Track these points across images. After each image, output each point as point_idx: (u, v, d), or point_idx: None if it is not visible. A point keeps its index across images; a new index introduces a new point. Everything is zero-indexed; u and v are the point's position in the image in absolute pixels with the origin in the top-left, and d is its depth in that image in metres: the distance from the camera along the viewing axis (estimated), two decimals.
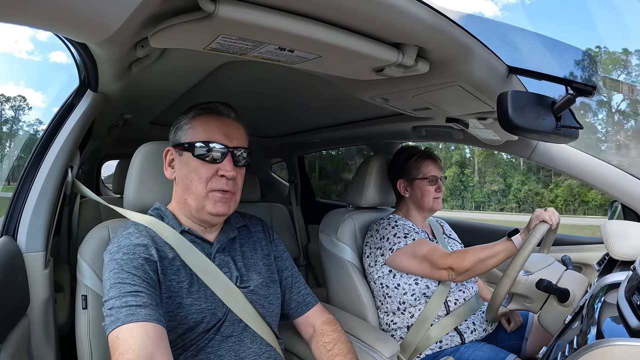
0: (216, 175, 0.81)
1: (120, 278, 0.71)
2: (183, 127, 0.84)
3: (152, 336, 0.66)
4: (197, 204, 0.82)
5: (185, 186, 0.83)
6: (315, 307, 0.99)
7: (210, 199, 0.81)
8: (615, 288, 0.79)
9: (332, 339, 0.93)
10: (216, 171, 0.81)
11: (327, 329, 0.95)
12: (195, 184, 0.81)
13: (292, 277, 0.99)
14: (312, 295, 1.00)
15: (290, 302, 0.97)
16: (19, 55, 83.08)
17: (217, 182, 0.81)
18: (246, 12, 0.53)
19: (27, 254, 0.94)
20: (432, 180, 1.35)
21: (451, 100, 1.00)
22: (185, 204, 0.84)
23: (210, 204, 0.81)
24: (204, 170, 0.81)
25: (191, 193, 0.82)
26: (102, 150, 2.66)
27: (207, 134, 0.82)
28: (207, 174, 0.81)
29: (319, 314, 0.98)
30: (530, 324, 1.32)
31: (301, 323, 0.98)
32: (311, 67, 0.78)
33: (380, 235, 1.30)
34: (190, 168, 0.82)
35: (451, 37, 0.67)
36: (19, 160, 2.36)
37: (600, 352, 0.56)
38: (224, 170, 0.81)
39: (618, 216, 1.31)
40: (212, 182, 0.81)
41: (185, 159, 0.83)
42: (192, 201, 0.82)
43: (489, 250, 1.15)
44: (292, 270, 1.00)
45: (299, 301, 0.98)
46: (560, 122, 0.80)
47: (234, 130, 0.84)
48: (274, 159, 2.89)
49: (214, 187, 0.81)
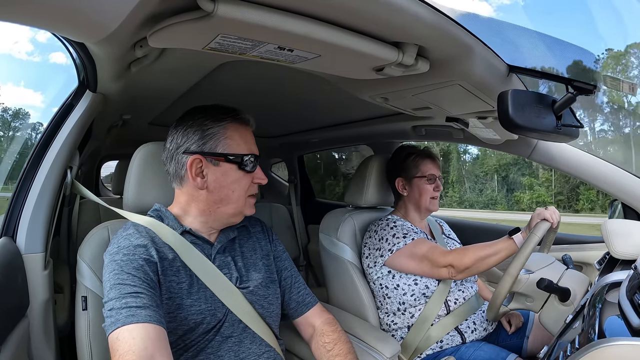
0: (252, 183, 0.87)
1: (120, 279, 0.71)
2: (216, 136, 0.81)
3: (152, 337, 0.66)
4: (236, 210, 0.86)
5: (224, 195, 0.83)
6: (315, 307, 0.99)
7: (248, 204, 0.87)
8: (616, 287, 0.78)
9: (332, 339, 0.93)
10: (252, 179, 0.86)
11: (327, 329, 0.95)
12: (238, 194, 0.84)
13: (292, 278, 0.99)
14: (311, 295, 1.00)
15: (290, 302, 0.97)
16: (18, 56, 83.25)
17: (253, 188, 0.88)
18: (245, 12, 0.53)
19: (27, 255, 0.94)
20: (431, 179, 1.35)
21: (451, 100, 1.00)
22: (217, 211, 0.85)
23: (248, 209, 0.88)
24: (246, 180, 0.85)
25: (232, 202, 0.84)
26: (102, 151, 2.66)
27: (247, 147, 0.85)
28: (249, 184, 0.86)
29: (319, 314, 0.98)
30: (531, 323, 1.32)
31: (301, 323, 0.98)
32: (311, 67, 0.78)
33: (379, 237, 1.30)
34: (232, 179, 0.83)
35: (451, 36, 0.66)
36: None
37: (602, 351, 0.56)
38: (260, 178, 0.87)
39: (618, 215, 1.31)
40: (249, 189, 0.87)
41: (225, 169, 0.82)
42: (230, 209, 0.85)
43: (490, 248, 1.14)
44: (291, 270, 1.00)
45: (298, 301, 0.98)
46: (560, 121, 0.80)
47: (254, 139, 0.89)
48: (274, 158, 2.89)
49: (251, 193, 0.87)
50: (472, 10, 0.63)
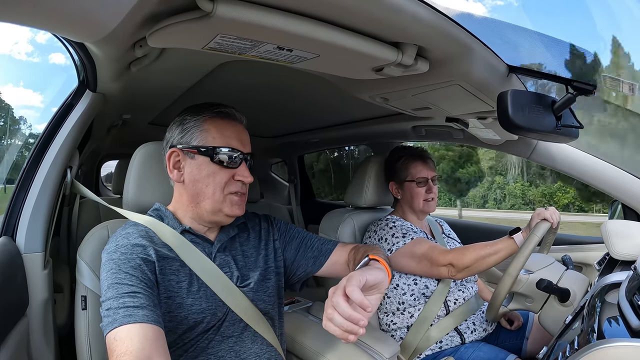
0: (232, 179, 0.83)
1: (117, 278, 0.71)
2: (192, 129, 0.83)
3: (150, 337, 0.65)
4: (214, 207, 0.83)
5: (199, 190, 0.83)
6: (337, 248, 0.96)
7: (227, 202, 0.83)
8: (615, 288, 0.79)
9: (355, 250, 0.91)
10: (232, 176, 0.83)
11: (352, 252, 0.93)
12: (212, 188, 0.82)
13: (303, 240, 0.97)
14: (328, 242, 0.98)
15: (307, 262, 0.95)
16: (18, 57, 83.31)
17: (234, 186, 0.83)
18: (245, 11, 0.53)
19: (26, 254, 0.94)
20: (421, 182, 1.34)
21: (451, 100, 1.00)
22: (197, 206, 0.84)
23: (228, 207, 0.83)
24: (222, 175, 0.82)
25: (207, 197, 0.82)
26: (101, 151, 2.66)
27: (224, 140, 0.82)
28: (225, 179, 0.82)
29: (345, 251, 0.95)
30: (530, 323, 1.32)
31: (327, 271, 0.96)
32: (310, 67, 0.78)
33: (378, 236, 1.30)
34: (206, 172, 0.82)
35: (451, 36, 0.66)
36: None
37: (602, 352, 0.56)
38: (242, 176, 0.83)
39: (618, 216, 1.31)
40: (228, 186, 0.83)
41: (199, 162, 0.82)
42: (207, 204, 0.83)
43: (490, 247, 1.14)
44: (299, 235, 0.98)
45: (315, 256, 0.95)
46: (560, 122, 0.80)
47: (245, 136, 0.86)
48: (274, 158, 2.89)
49: (231, 190, 0.83)
50: (466, 10, 0.63)
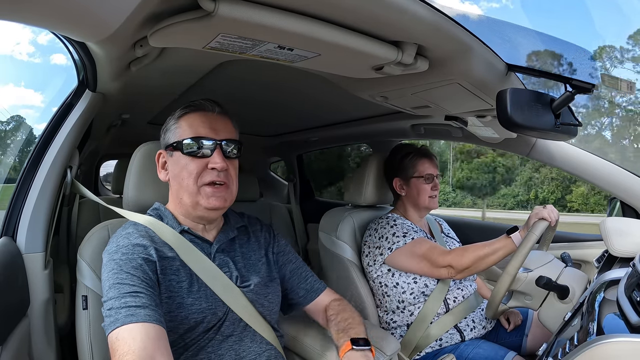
0: (206, 168, 0.81)
1: (119, 278, 0.71)
2: (171, 128, 0.84)
3: (152, 337, 0.66)
4: (191, 200, 0.82)
5: (179, 184, 0.83)
6: (324, 292, 1.00)
7: (203, 194, 0.81)
8: (615, 284, 0.79)
9: (336, 311, 0.95)
10: (206, 165, 0.81)
11: (334, 304, 0.97)
12: (187, 180, 0.81)
13: (298, 269, 0.99)
14: (319, 281, 1.01)
15: (299, 291, 0.98)
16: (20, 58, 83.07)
17: (208, 175, 0.81)
18: (246, 11, 0.53)
19: (27, 254, 0.94)
20: (428, 179, 1.35)
21: (450, 98, 1.00)
22: (181, 202, 0.84)
23: (204, 199, 0.81)
24: (194, 165, 0.81)
25: (184, 190, 0.82)
26: (101, 150, 2.65)
27: (193, 130, 0.82)
28: (198, 169, 0.81)
29: (329, 297, 1.00)
30: (530, 321, 1.32)
31: (312, 310, 0.99)
32: (310, 66, 0.78)
33: (379, 235, 1.31)
34: (180, 166, 0.82)
35: (450, 35, 0.67)
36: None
37: (601, 348, 0.56)
38: (214, 162, 0.80)
39: (617, 213, 1.31)
40: (202, 176, 0.81)
41: (176, 158, 0.83)
42: (186, 198, 0.82)
43: (488, 247, 1.15)
44: (296, 262, 1.00)
45: (307, 289, 0.98)
46: (559, 120, 0.80)
47: (220, 123, 0.84)
48: (273, 157, 2.89)
49: (205, 180, 0.81)
50: (461, 11, 0.64)
